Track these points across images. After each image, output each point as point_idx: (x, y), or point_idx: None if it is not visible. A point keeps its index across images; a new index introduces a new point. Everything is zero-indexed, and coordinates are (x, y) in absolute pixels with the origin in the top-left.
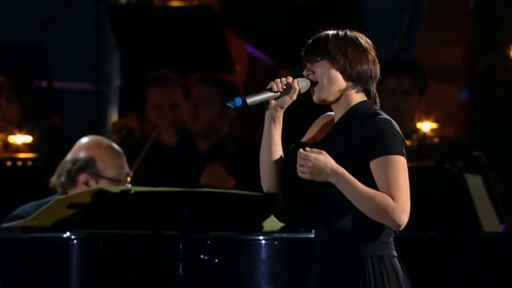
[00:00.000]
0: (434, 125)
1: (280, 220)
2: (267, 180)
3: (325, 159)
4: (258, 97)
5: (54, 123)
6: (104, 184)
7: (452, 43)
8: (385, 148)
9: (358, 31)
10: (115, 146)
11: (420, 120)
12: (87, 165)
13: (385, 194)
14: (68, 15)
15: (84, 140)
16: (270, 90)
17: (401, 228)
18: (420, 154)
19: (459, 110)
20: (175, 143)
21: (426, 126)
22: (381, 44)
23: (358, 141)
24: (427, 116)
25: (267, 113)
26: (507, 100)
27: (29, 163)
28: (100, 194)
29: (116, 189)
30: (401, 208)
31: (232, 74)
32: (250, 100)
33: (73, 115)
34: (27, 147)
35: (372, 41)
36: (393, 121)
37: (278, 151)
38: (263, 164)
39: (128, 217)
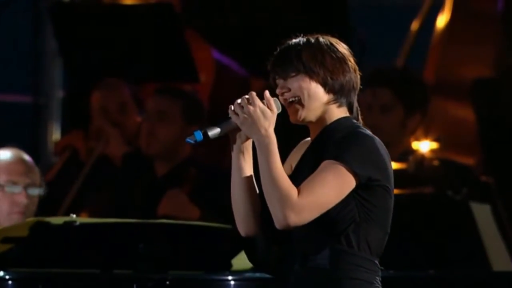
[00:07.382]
0: (434, 145)
1: (260, 269)
2: (243, 222)
3: (268, 120)
4: (222, 127)
5: None
6: None
7: (478, 53)
8: (340, 155)
9: (333, 36)
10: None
11: (418, 139)
12: None
13: (294, 187)
14: (2, 15)
15: None
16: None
17: (284, 228)
18: (417, 179)
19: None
20: (123, 159)
21: (424, 146)
22: (371, 50)
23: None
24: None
25: (234, 145)
26: None
27: None
28: (40, 226)
29: (58, 220)
30: (298, 207)
31: (195, 84)
32: (212, 132)
33: (8, 132)
34: None
35: (360, 46)
36: (377, 142)
37: (252, 188)
38: (236, 205)
39: (73, 253)
